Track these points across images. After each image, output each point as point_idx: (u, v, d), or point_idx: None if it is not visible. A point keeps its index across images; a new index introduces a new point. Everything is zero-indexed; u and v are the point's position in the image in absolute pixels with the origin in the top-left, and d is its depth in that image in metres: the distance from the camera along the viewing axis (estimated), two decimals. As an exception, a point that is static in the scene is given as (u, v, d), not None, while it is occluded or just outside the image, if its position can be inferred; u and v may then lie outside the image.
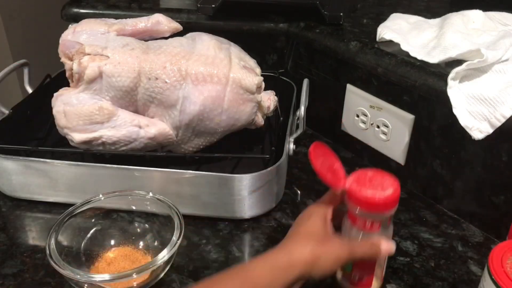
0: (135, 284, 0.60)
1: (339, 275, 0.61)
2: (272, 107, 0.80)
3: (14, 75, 0.92)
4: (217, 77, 0.72)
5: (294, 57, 0.96)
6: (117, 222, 0.69)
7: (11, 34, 1.50)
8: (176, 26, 0.81)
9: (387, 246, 0.55)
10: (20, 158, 0.73)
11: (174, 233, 0.61)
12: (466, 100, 0.66)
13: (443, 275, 0.65)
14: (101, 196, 0.67)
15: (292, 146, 0.75)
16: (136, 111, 0.75)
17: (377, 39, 0.81)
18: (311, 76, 0.92)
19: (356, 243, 0.55)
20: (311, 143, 0.57)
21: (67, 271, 0.57)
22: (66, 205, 0.68)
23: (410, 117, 0.76)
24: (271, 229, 0.72)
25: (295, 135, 0.75)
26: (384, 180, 0.55)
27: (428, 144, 0.76)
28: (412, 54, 0.74)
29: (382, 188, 0.53)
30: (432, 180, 0.77)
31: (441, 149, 0.74)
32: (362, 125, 0.85)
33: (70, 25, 0.79)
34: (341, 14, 0.87)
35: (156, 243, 0.67)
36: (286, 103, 0.88)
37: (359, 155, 0.89)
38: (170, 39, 0.78)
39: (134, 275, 0.57)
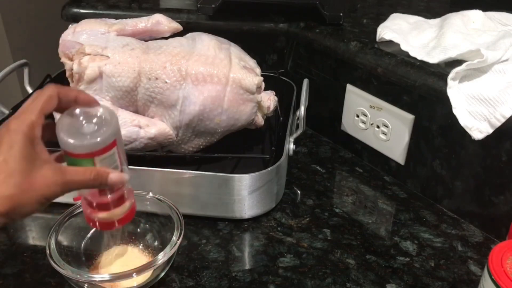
0: (135, 284, 0.60)
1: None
2: (272, 107, 0.80)
3: (14, 75, 0.92)
4: (217, 77, 0.72)
5: (294, 57, 0.96)
6: (117, 222, 0.69)
7: (11, 34, 1.50)
8: (176, 26, 0.82)
9: (116, 176, 0.49)
10: (20, 158, 0.73)
11: (174, 233, 0.61)
12: (466, 100, 0.66)
13: (443, 275, 0.65)
14: (101, 196, 0.67)
15: (292, 146, 0.75)
16: (136, 111, 0.75)
17: (377, 39, 0.81)
18: (311, 76, 0.92)
19: (73, 171, 0.47)
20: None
21: (67, 271, 0.57)
22: (66, 205, 0.67)
23: (410, 117, 0.76)
24: (271, 229, 0.72)
25: (295, 135, 0.75)
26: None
27: (428, 144, 0.76)
28: (412, 54, 0.75)
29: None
30: (432, 180, 0.77)
31: (441, 149, 0.74)
32: (362, 125, 0.85)
33: (70, 25, 0.79)
34: (341, 14, 0.87)
35: (156, 243, 0.67)
36: (286, 103, 0.88)
37: (359, 155, 0.89)
38: (170, 39, 0.78)
39: (134, 275, 0.57)
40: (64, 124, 0.48)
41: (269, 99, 0.79)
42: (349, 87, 0.85)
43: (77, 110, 0.49)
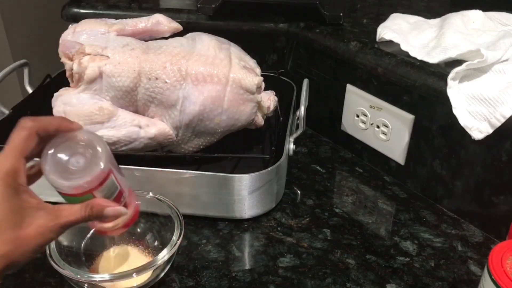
0: (135, 284, 0.60)
1: None
2: (272, 107, 0.80)
3: (14, 75, 0.92)
4: (217, 77, 0.72)
5: (294, 57, 0.96)
6: (117, 222, 0.69)
7: (11, 34, 1.50)
8: (176, 26, 0.81)
9: (113, 211, 0.46)
10: (20, 158, 0.73)
11: (174, 233, 0.61)
12: (466, 100, 0.66)
13: (443, 275, 0.65)
14: (101, 196, 0.67)
15: (292, 146, 0.75)
16: (136, 111, 0.75)
17: (377, 39, 0.81)
18: (311, 76, 0.92)
19: (68, 212, 0.44)
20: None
21: (67, 271, 0.57)
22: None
23: (410, 117, 0.76)
24: (271, 229, 0.72)
25: (295, 135, 0.75)
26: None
27: (428, 144, 0.76)
28: (412, 54, 0.75)
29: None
30: (432, 180, 0.77)
31: (441, 149, 0.74)
32: (362, 125, 0.85)
33: (70, 25, 0.79)
34: (341, 14, 0.87)
35: (156, 243, 0.67)
36: (286, 103, 0.88)
37: (359, 155, 0.89)
38: (170, 39, 0.78)
39: (134, 275, 0.57)
40: (51, 163, 0.44)
41: (269, 99, 0.79)
42: (349, 87, 0.85)
43: (62, 143, 0.45)
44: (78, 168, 0.44)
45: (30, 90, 0.88)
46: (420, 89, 0.72)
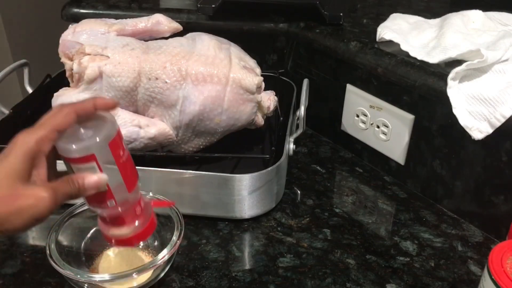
0: (135, 284, 0.60)
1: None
2: (272, 107, 0.80)
3: (14, 75, 0.92)
4: (217, 77, 0.72)
5: (294, 57, 0.96)
6: (117, 222, 0.69)
7: (11, 34, 1.50)
8: (176, 26, 0.82)
9: (90, 179, 0.46)
10: (20, 158, 0.73)
11: (174, 233, 0.61)
12: (466, 100, 0.66)
13: (443, 275, 0.65)
14: (101, 196, 0.67)
15: (292, 146, 0.75)
16: (136, 111, 0.75)
17: (377, 39, 0.81)
18: (311, 76, 0.92)
19: (58, 184, 0.45)
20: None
21: (67, 271, 0.57)
22: (66, 205, 0.67)
23: (410, 117, 0.76)
24: (271, 229, 0.72)
25: (295, 135, 0.75)
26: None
27: (428, 144, 0.76)
28: (412, 54, 0.75)
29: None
30: (432, 180, 0.77)
31: (441, 149, 0.74)
32: (362, 125, 0.85)
33: (70, 25, 0.79)
34: (341, 14, 0.87)
35: (156, 243, 0.67)
36: (286, 103, 0.88)
37: (359, 155, 0.89)
38: (170, 39, 0.78)
39: (134, 275, 0.57)
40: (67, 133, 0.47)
41: (269, 99, 0.79)
42: (349, 87, 0.85)
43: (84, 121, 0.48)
44: (80, 140, 0.46)
45: (30, 90, 0.88)
46: (420, 89, 0.72)
